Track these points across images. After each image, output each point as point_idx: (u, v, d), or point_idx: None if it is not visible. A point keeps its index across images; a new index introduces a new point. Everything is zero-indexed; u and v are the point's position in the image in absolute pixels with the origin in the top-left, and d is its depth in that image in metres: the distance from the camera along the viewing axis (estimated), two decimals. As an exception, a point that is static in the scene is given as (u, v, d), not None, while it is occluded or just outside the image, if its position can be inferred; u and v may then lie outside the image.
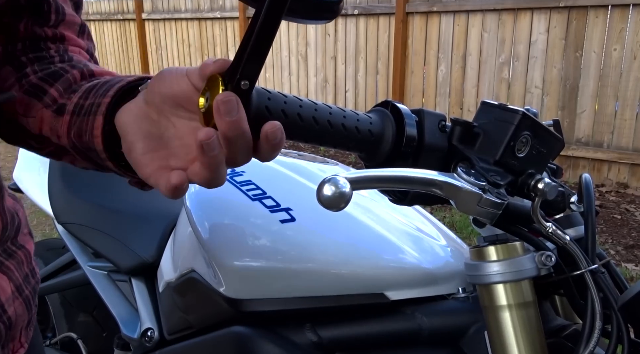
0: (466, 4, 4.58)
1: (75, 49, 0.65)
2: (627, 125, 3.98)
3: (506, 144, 0.55)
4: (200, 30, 7.07)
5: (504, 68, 4.50)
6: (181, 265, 0.94)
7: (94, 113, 0.53)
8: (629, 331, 0.57)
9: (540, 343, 0.59)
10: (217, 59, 0.46)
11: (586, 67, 4.08)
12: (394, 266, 0.77)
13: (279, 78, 6.24)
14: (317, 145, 0.54)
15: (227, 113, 0.43)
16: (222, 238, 0.81)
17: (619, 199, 3.93)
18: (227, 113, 0.43)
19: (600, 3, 3.92)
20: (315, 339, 0.73)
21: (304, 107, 0.50)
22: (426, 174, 0.51)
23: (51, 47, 0.64)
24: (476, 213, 0.54)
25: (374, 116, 0.55)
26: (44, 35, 0.63)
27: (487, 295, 0.60)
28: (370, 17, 5.28)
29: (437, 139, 0.56)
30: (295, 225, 0.79)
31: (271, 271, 0.77)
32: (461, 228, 3.28)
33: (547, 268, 0.59)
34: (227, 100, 0.43)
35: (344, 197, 0.44)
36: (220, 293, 0.79)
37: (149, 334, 1.05)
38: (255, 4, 0.43)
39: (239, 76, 0.44)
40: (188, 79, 0.48)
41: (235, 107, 0.43)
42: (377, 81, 5.39)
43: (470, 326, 0.73)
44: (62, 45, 0.65)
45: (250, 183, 0.86)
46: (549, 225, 0.57)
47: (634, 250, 3.10)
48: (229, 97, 0.43)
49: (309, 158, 1.04)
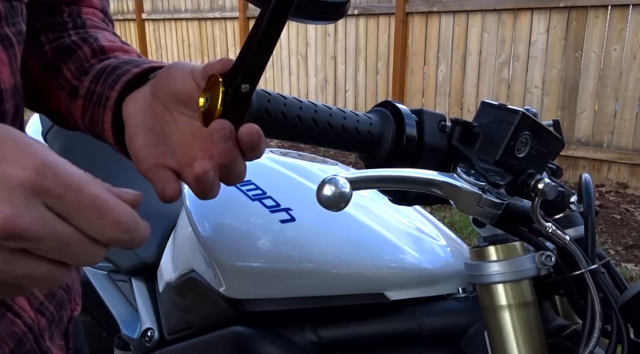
0: (466, 4, 4.58)
1: (89, 10, 0.66)
2: (627, 125, 3.98)
3: (506, 144, 0.55)
4: (200, 30, 7.07)
5: (503, 68, 4.50)
6: (181, 265, 0.94)
7: (103, 106, 0.55)
8: (629, 331, 0.57)
9: (540, 343, 0.59)
10: (220, 59, 0.46)
11: (586, 67, 4.08)
12: (394, 266, 0.77)
13: (279, 78, 6.24)
14: (317, 146, 0.54)
15: (220, 141, 0.44)
16: (222, 238, 0.81)
17: (619, 199, 3.93)
18: (220, 141, 0.44)
19: (600, 3, 3.92)
20: (315, 339, 0.73)
21: (303, 108, 0.50)
22: (426, 174, 0.51)
23: (65, 10, 0.65)
24: (476, 213, 0.54)
25: (374, 116, 0.55)
26: (57, 1, 0.64)
27: (487, 295, 0.60)
28: (370, 17, 5.28)
29: (437, 139, 0.56)
30: (295, 225, 0.79)
31: (271, 271, 0.77)
32: (461, 228, 3.28)
33: (547, 268, 0.59)
34: (220, 127, 0.44)
35: (344, 197, 0.44)
36: (220, 293, 0.79)
37: (149, 334, 1.05)
38: (261, 4, 0.43)
39: (239, 79, 0.44)
40: (192, 78, 0.48)
41: (228, 135, 0.44)
42: (377, 81, 5.39)
43: (470, 326, 0.73)
44: (75, 7, 0.66)
45: (250, 183, 0.86)
46: (548, 225, 0.57)
47: (633, 250, 3.10)
48: (223, 125, 0.44)
49: (309, 158, 1.04)
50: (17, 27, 0.54)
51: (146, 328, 1.06)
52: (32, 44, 0.62)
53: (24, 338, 0.55)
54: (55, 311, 0.62)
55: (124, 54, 0.60)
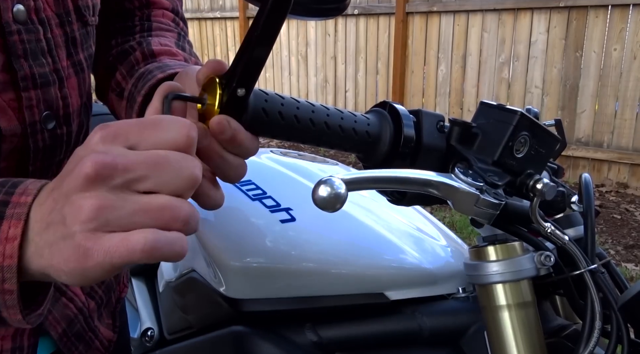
0: (466, 4, 4.58)
1: (159, 12, 0.70)
2: (627, 125, 3.98)
3: (504, 144, 0.55)
4: (200, 30, 7.07)
5: (504, 68, 4.50)
6: (181, 265, 0.94)
7: (132, 108, 0.58)
8: (629, 331, 0.57)
9: (540, 343, 0.59)
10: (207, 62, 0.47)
11: (586, 67, 4.08)
12: (394, 266, 0.77)
13: (278, 78, 6.24)
14: (315, 146, 0.54)
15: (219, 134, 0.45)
16: (222, 238, 0.81)
17: (619, 199, 3.93)
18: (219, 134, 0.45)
19: (600, 3, 3.92)
20: (315, 339, 0.73)
21: (301, 108, 0.50)
22: (423, 175, 0.51)
23: (137, 15, 0.69)
24: (473, 213, 0.54)
25: (372, 117, 0.55)
26: (132, 7, 0.69)
27: (486, 295, 0.60)
28: (370, 17, 5.28)
29: (435, 140, 0.56)
30: (295, 225, 0.79)
31: (271, 271, 0.77)
32: (461, 228, 3.28)
33: (547, 268, 0.59)
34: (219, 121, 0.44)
35: (339, 198, 0.44)
36: (220, 293, 0.79)
37: (149, 334, 1.06)
38: (259, 3, 0.43)
39: (235, 84, 0.44)
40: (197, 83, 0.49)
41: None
42: (377, 81, 5.39)
43: (470, 326, 0.73)
44: (147, 10, 0.70)
45: (250, 183, 0.86)
46: (547, 225, 0.57)
47: (633, 250, 3.10)
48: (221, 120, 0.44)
49: (309, 158, 1.04)
50: (89, 50, 0.59)
51: (146, 328, 1.06)
52: (103, 47, 0.66)
53: (75, 319, 0.62)
54: (104, 295, 0.69)
55: (169, 58, 0.62)
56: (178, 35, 0.70)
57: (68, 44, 0.55)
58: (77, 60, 0.56)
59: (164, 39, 0.66)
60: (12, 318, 0.39)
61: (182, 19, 0.74)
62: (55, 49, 0.53)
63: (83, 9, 0.56)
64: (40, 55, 0.51)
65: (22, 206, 0.37)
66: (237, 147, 0.46)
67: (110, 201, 0.34)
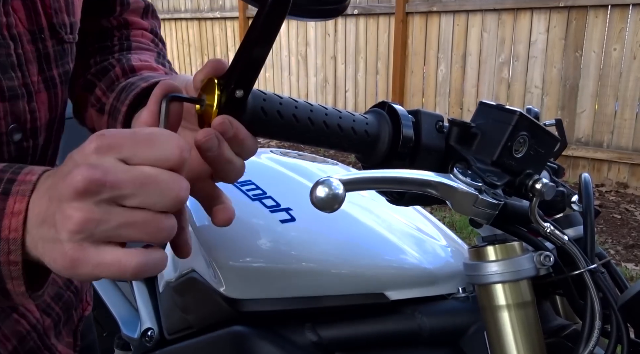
0: (466, 4, 4.58)
1: (138, 33, 0.70)
2: (627, 125, 3.98)
3: (503, 144, 0.55)
4: (200, 30, 7.07)
5: (503, 68, 4.50)
6: (181, 265, 0.94)
7: (115, 119, 0.58)
8: (629, 331, 0.57)
9: (539, 342, 0.59)
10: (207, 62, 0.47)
11: (586, 67, 4.08)
12: (394, 266, 0.77)
13: (278, 78, 6.24)
14: (314, 146, 0.54)
15: (207, 150, 0.45)
16: (222, 238, 0.81)
17: (619, 199, 3.93)
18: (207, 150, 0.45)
19: (600, 3, 3.92)
20: (315, 339, 0.73)
21: (299, 108, 0.50)
22: (421, 175, 0.51)
23: (115, 35, 0.69)
24: (472, 213, 0.54)
25: (371, 117, 0.55)
26: (110, 26, 0.68)
27: (485, 295, 0.60)
28: (370, 17, 5.28)
29: (434, 140, 0.56)
30: (295, 225, 0.79)
31: (271, 271, 0.77)
32: (461, 228, 3.28)
33: (546, 268, 0.59)
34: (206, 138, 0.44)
35: (337, 199, 0.44)
36: (220, 293, 0.79)
37: (149, 334, 1.06)
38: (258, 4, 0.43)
39: (233, 86, 0.44)
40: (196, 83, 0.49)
41: (216, 143, 0.44)
42: (377, 81, 5.39)
43: (470, 326, 0.73)
44: (125, 31, 0.70)
45: (250, 183, 0.86)
46: (547, 225, 0.57)
47: (633, 250, 3.10)
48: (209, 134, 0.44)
49: (309, 158, 1.04)
50: (65, 67, 0.59)
51: (146, 328, 1.06)
52: (82, 67, 0.66)
53: (28, 336, 0.60)
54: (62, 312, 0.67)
55: (150, 72, 0.62)
56: (157, 54, 0.70)
57: (40, 60, 0.55)
58: (49, 76, 0.56)
59: (143, 56, 0.66)
60: (16, 290, 0.41)
61: (160, 40, 0.74)
62: (25, 63, 0.53)
63: (58, 26, 0.56)
64: (10, 69, 0.51)
65: (27, 184, 0.39)
66: (238, 146, 0.46)
67: (97, 214, 0.36)
